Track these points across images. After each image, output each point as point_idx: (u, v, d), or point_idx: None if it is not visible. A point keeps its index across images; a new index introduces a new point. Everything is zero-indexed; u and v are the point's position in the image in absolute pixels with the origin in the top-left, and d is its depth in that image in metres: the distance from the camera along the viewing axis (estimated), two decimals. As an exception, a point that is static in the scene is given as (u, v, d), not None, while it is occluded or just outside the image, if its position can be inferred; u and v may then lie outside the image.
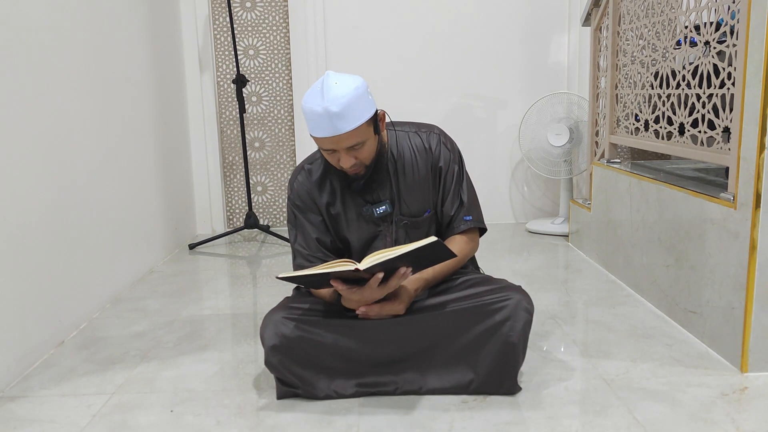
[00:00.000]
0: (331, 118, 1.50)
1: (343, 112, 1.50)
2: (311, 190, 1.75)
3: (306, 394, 1.65)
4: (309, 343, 1.62)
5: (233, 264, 3.10)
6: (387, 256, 1.44)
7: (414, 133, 1.76)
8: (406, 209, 1.75)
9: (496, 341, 1.61)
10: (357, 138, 1.55)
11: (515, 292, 1.65)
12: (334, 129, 1.52)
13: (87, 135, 2.34)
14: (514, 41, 3.60)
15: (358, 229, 1.76)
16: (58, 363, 1.94)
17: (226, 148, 3.69)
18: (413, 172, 1.73)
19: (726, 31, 1.86)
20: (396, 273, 1.51)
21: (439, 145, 1.74)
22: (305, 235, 1.75)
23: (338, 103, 1.50)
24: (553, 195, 3.74)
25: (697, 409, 1.56)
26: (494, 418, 1.54)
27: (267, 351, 1.61)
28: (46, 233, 2.02)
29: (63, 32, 2.20)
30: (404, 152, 1.74)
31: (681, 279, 2.06)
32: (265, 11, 3.57)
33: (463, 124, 3.64)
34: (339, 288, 1.52)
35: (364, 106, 1.55)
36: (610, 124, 2.82)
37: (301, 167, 1.79)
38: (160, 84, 3.13)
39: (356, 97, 1.53)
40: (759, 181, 1.66)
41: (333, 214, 1.75)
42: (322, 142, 1.57)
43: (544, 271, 2.79)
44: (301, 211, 1.75)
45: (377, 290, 1.54)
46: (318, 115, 1.52)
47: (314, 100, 1.53)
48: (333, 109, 1.50)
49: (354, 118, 1.52)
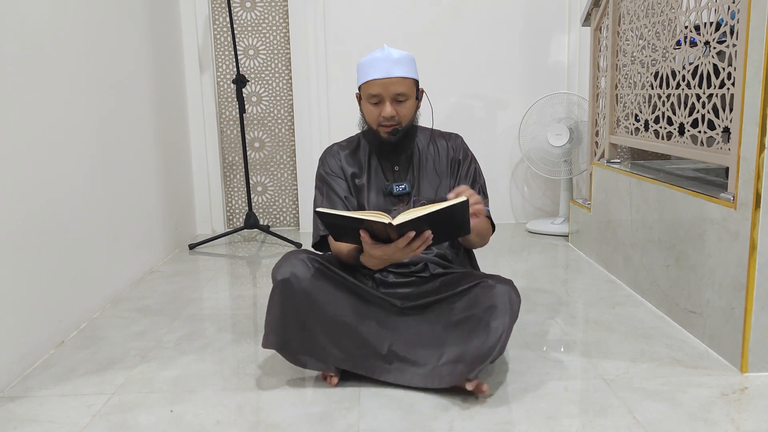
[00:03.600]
0: (389, 61, 1.72)
1: (401, 60, 1.74)
2: (342, 160, 1.90)
3: (290, 350, 1.68)
4: (318, 290, 1.67)
5: (233, 264, 3.10)
6: (420, 212, 1.47)
7: (440, 136, 1.95)
8: (424, 193, 1.87)
9: (476, 322, 1.65)
10: (404, 87, 1.74)
11: (504, 284, 1.69)
12: (390, 71, 1.72)
13: (87, 135, 2.34)
14: (514, 41, 3.60)
15: (377, 203, 1.87)
16: (58, 363, 1.94)
17: (226, 148, 3.69)
18: (434, 163, 1.90)
19: (726, 31, 1.87)
20: (421, 236, 1.54)
21: (461, 145, 1.94)
22: (333, 196, 1.85)
23: (397, 53, 1.74)
24: (553, 195, 3.74)
25: (697, 409, 1.56)
26: (494, 418, 1.54)
27: (276, 283, 1.66)
28: (46, 233, 2.02)
29: (63, 32, 2.20)
30: (429, 148, 1.92)
31: (681, 279, 2.06)
32: (265, 11, 3.57)
33: (463, 124, 3.63)
34: (365, 240, 1.56)
35: (415, 69, 1.79)
36: (610, 124, 2.82)
37: (334, 144, 1.96)
38: (160, 84, 3.13)
39: (411, 58, 1.78)
40: (759, 181, 1.66)
41: (357, 185, 1.88)
42: (372, 86, 1.73)
43: (544, 271, 2.79)
44: (331, 176, 1.88)
45: (402, 250, 1.56)
46: (377, 59, 1.73)
47: (375, 52, 1.75)
48: (394, 54, 1.73)
49: (408, 69, 1.75)
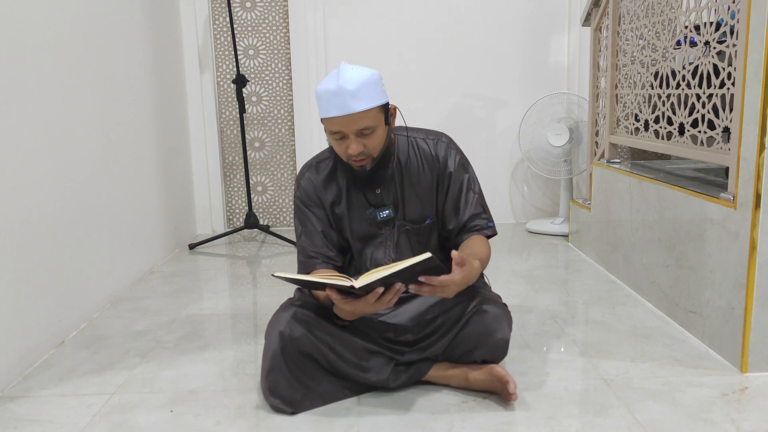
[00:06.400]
0: (344, 96, 1.52)
1: (357, 92, 1.52)
2: (318, 186, 1.75)
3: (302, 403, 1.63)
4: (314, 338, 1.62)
5: (233, 264, 3.10)
6: (382, 273, 1.41)
7: (422, 139, 1.76)
8: (409, 215, 1.76)
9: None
10: (368, 121, 1.56)
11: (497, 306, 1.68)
12: (347, 108, 1.52)
13: (87, 135, 2.34)
14: (514, 41, 3.60)
15: (360, 231, 1.76)
16: (58, 363, 1.94)
17: (226, 148, 3.69)
18: (419, 179, 1.74)
19: (726, 31, 1.86)
20: (391, 288, 1.47)
21: (447, 153, 1.75)
22: (311, 230, 1.75)
23: (353, 82, 1.52)
24: (553, 195, 3.74)
25: (697, 409, 1.56)
26: (494, 418, 1.54)
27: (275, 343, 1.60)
28: (46, 233, 2.02)
29: (63, 32, 2.20)
30: (411, 159, 1.74)
31: (681, 279, 2.06)
32: (265, 11, 3.57)
33: (463, 124, 3.64)
34: (333, 297, 1.49)
35: (378, 93, 1.57)
36: (610, 124, 2.82)
37: (309, 164, 1.80)
38: (160, 84, 3.13)
39: (371, 81, 1.55)
40: (759, 181, 1.66)
41: (337, 213, 1.76)
42: (332, 123, 1.57)
43: (544, 271, 2.79)
44: (307, 206, 1.76)
45: (372, 305, 1.48)
46: (332, 94, 1.53)
47: (329, 81, 1.55)
48: (347, 87, 1.52)
49: (367, 100, 1.54)
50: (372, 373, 1.65)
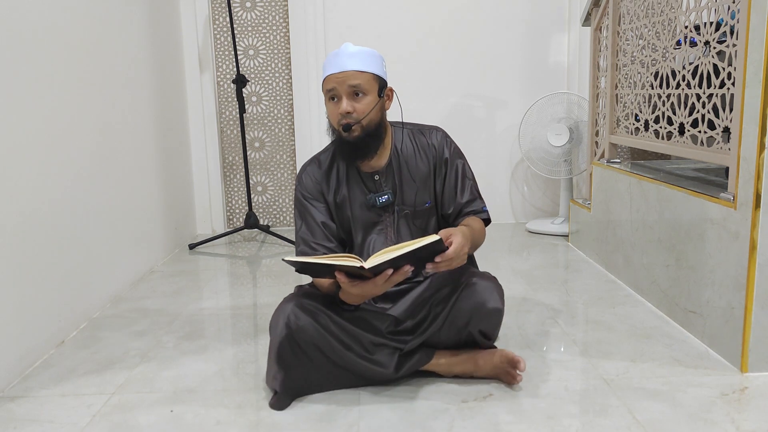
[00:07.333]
0: (343, 56, 1.67)
1: (357, 54, 1.68)
2: (319, 180, 1.82)
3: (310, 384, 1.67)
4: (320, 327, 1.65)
5: (233, 264, 3.10)
6: (391, 255, 1.45)
7: (418, 131, 1.86)
8: (408, 199, 1.81)
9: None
10: (360, 80, 1.66)
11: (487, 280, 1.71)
12: (344, 65, 1.66)
13: (87, 135, 2.34)
14: (514, 41, 3.60)
15: (361, 217, 1.81)
16: (58, 363, 1.94)
17: (226, 148, 3.69)
18: (416, 165, 1.81)
19: (726, 31, 1.86)
20: (399, 270, 1.52)
21: (443, 141, 1.84)
22: (311, 222, 1.79)
23: (354, 48, 1.69)
24: (553, 195, 3.74)
25: (697, 409, 1.56)
26: (494, 418, 1.54)
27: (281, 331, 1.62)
28: (46, 233, 2.02)
29: (63, 32, 2.20)
30: (408, 147, 1.82)
31: (681, 279, 2.06)
32: (265, 11, 3.57)
33: (462, 124, 3.64)
34: (341, 280, 1.53)
35: (375, 64, 1.71)
36: (610, 124, 2.82)
37: (311, 160, 1.87)
38: (160, 84, 3.13)
39: (372, 53, 1.71)
40: (759, 181, 1.66)
41: (338, 201, 1.81)
42: (328, 81, 1.68)
43: (544, 271, 2.79)
44: (308, 199, 1.81)
45: (380, 286, 1.54)
46: (334, 55, 1.68)
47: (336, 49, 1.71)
48: (348, 50, 1.68)
49: (366, 63, 1.68)
50: (377, 364, 1.68)
